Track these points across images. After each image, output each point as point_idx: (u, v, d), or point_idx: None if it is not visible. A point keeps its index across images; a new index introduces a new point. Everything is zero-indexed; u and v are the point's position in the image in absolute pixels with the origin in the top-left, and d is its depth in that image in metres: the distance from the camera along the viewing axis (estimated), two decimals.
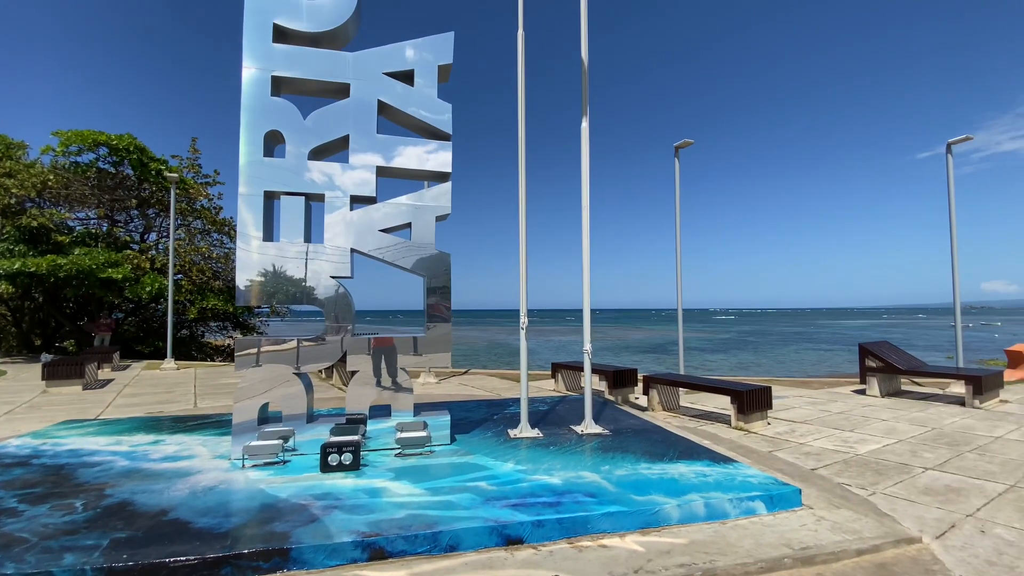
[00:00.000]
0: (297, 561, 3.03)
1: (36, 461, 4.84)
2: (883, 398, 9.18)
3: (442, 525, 3.33)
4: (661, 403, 8.20)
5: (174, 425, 6.41)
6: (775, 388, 10.27)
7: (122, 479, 4.30)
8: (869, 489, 4.57)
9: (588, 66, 6.27)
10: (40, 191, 17.62)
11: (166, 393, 10.26)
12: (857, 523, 3.71)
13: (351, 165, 5.43)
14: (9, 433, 6.46)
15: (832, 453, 5.73)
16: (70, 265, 15.83)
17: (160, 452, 5.13)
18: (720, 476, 4.34)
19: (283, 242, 5.24)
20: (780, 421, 7.35)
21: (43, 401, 9.12)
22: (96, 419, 7.12)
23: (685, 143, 10.88)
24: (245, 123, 5.13)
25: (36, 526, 3.32)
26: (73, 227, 19.51)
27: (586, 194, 6.19)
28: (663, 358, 34.31)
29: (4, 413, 7.99)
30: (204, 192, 21.72)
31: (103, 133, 18.80)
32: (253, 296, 5.13)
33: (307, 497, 3.87)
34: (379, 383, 5.43)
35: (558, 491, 3.98)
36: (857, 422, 7.27)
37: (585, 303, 6.22)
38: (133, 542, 3.10)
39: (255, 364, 5.12)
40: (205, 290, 20.01)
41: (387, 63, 5.54)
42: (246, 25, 5.18)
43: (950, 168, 10.47)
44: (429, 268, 5.55)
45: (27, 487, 4.09)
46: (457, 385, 11.28)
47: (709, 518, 3.73)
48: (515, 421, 6.09)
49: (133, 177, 20.00)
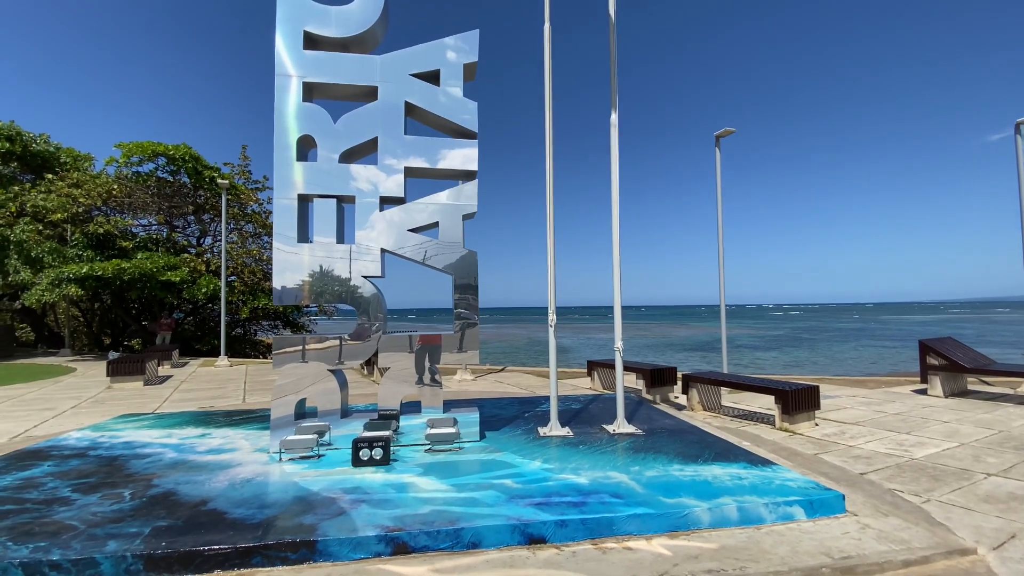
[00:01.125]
0: (323, 553, 3.11)
1: (93, 453, 5.18)
2: (946, 398, 8.56)
3: (465, 522, 3.34)
4: (701, 403, 7.95)
5: (222, 420, 6.73)
6: (827, 387, 9.77)
7: (169, 470, 4.54)
8: (923, 496, 4.26)
9: (616, 58, 6.13)
10: (105, 200, 18.91)
11: (218, 389, 10.80)
12: (906, 532, 3.46)
13: (380, 167, 5.53)
14: (73, 426, 6.97)
15: (884, 457, 5.39)
16: (133, 269, 16.91)
17: (206, 445, 5.39)
18: (756, 479, 4.15)
19: (317, 243, 5.39)
20: (829, 422, 6.98)
21: (107, 396, 9.79)
22: (152, 413, 7.57)
23: (726, 132, 10.51)
24: (279, 129, 5.31)
25: (85, 514, 3.54)
26: (136, 233, 20.84)
27: (616, 190, 6.06)
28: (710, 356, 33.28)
29: (71, 407, 8.63)
30: (254, 197, 22.72)
31: (161, 144, 19.99)
32: (294, 296, 5.31)
33: (337, 491, 3.96)
34: (413, 379, 5.51)
35: (584, 491, 3.92)
36: (915, 424, 6.81)
37: (616, 299, 6.09)
38: (173, 530, 3.26)
39: (292, 362, 5.30)
40: (256, 290, 20.93)
41: (413, 64, 5.60)
42: (278, 33, 5.35)
43: (1019, 149, 9.65)
44: (457, 266, 5.58)
45: (81, 477, 4.38)
46: (493, 382, 11.33)
47: (743, 523, 3.57)
48: (546, 419, 6.04)
49: (189, 185, 21.17)
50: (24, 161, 20.16)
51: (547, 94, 5.97)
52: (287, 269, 5.29)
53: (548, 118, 5.96)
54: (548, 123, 5.96)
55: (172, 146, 20.14)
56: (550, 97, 5.96)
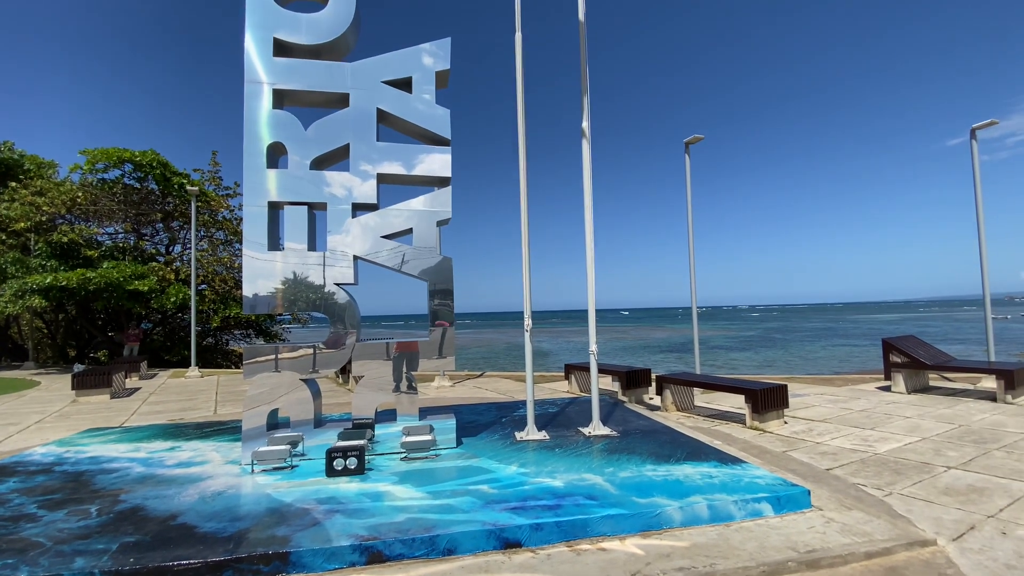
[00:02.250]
0: (296, 564, 3.08)
1: (58, 468, 5.02)
2: (909, 395, 8.88)
3: (440, 528, 3.34)
4: (675, 403, 8.08)
5: (192, 432, 6.57)
6: (795, 386, 10.04)
7: (136, 485, 4.43)
8: (885, 489, 4.42)
9: (588, 66, 6.24)
10: (70, 208, 18.30)
11: (188, 400, 10.53)
12: (868, 525, 3.59)
13: (353, 173, 5.51)
14: (37, 441, 6.72)
15: (849, 452, 5.57)
16: (99, 278, 16.38)
17: (175, 458, 5.26)
18: (726, 477, 4.25)
19: (288, 251, 5.33)
20: (798, 420, 7.18)
21: (72, 410, 9.45)
22: (119, 427, 7.35)
23: (695, 139, 10.75)
24: (249, 136, 5.25)
25: (52, 531, 3.44)
26: (102, 241, 20.20)
27: (588, 194, 6.15)
28: (685, 357, 33.82)
29: (35, 422, 8.31)
30: (225, 204, 22.27)
31: (127, 150, 19.43)
32: (266, 304, 5.24)
33: (311, 501, 3.92)
34: (389, 387, 5.48)
35: (559, 494, 3.96)
36: (879, 420, 7.05)
37: (590, 302, 6.18)
38: (141, 546, 3.18)
39: (265, 371, 5.22)
40: (228, 299, 20.48)
41: (385, 71, 5.61)
42: (248, 40, 5.30)
43: (975, 154, 10.12)
44: (432, 272, 5.59)
45: (47, 493, 4.24)
46: (471, 388, 11.31)
47: (713, 520, 3.66)
48: (523, 423, 6.07)
49: (157, 191, 20.63)
50: None
51: (519, 101, 6.04)
52: (259, 277, 5.22)
53: (520, 123, 6.03)
54: (520, 129, 6.02)
55: (139, 152, 19.59)
56: (522, 103, 6.03)
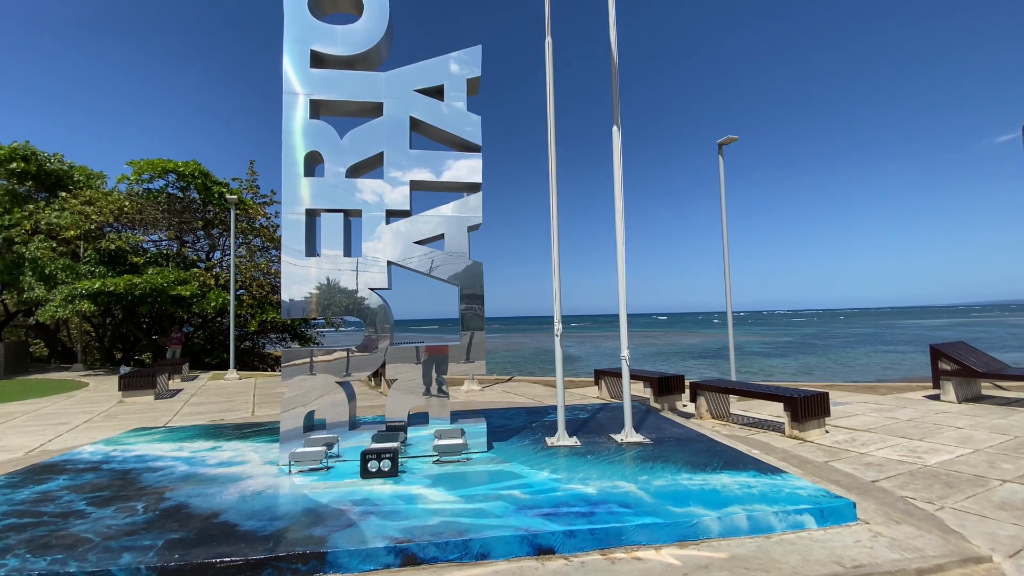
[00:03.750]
0: (333, 565, 3.13)
1: (106, 466, 5.24)
2: (960, 404, 8.45)
3: (473, 533, 3.35)
4: (709, 411, 7.90)
5: (232, 432, 6.78)
6: (837, 394, 9.69)
7: (180, 483, 4.59)
8: (936, 503, 4.21)
9: (618, 67, 6.20)
10: (117, 216, 19.20)
11: (228, 402, 10.87)
12: (919, 540, 3.43)
13: (386, 181, 5.61)
14: (87, 440, 7.05)
15: (896, 464, 5.33)
16: (144, 284, 17.13)
17: (216, 458, 5.43)
18: (766, 487, 4.12)
19: (324, 257, 5.46)
20: (840, 429, 6.92)
21: (119, 410, 9.88)
22: (163, 427, 7.64)
23: (729, 139, 10.53)
24: (287, 145, 5.41)
25: (100, 527, 3.59)
26: (146, 249, 21.10)
27: (619, 199, 6.10)
28: (718, 363, 33.05)
29: (84, 422, 8.72)
30: (262, 212, 22.99)
31: (171, 161, 20.33)
32: (301, 309, 5.37)
33: (346, 502, 3.99)
34: (420, 390, 5.54)
35: (592, 501, 3.91)
36: (928, 430, 6.73)
37: (622, 307, 6.11)
38: (185, 543, 3.29)
39: (301, 374, 5.35)
40: (264, 304, 21.09)
41: (418, 80, 5.70)
42: (286, 53, 5.47)
43: None
44: (463, 277, 5.63)
45: (96, 491, 4.44)
46: (500, 392, 11.32)
47: (752, 532, 3.56)
48: (554, 429, 6.04)
49: (198, 200, 21.48)
50: (39, 180, 20.55)
51: (549, 105, 6.04)
52: (295, 282, 5.36)
53: (551, 128, 6.03)
54: (551, 133, 6.02)
55: (182, 163, 20.48)
56: (552, 108, 6.03)
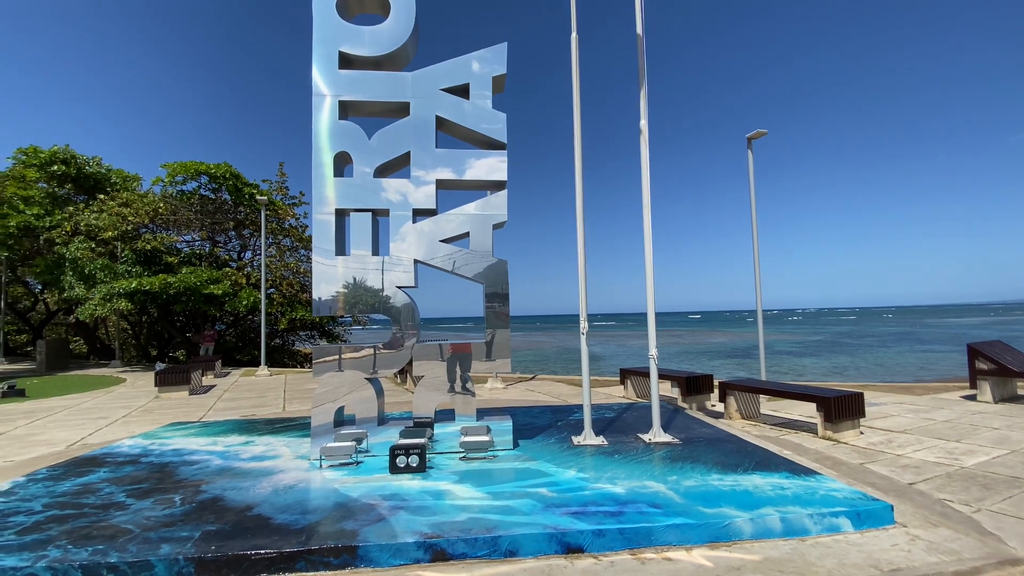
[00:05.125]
0: (364, 559, 3.18)
1: (144, 460, 5.43)
2: (996, 404, 8.13)
3: (502, 530, 3.36)
4: (739, 411, 7.76)
5: (264, 427, 6.95)
6: (871, 394, 9.40)
7: (216, 476, 4.72)
8: (974, 505, 4.07)
9: (645, 68, 6.13)
10: (152, 218, 19.85)
11: (259, 398, 11.14)
12: (957, 543, 3.31)
13: (413, 180, 5.66)
14: (125, 434, 7.32)
15: (933, 466, 5.15)
16: (178, 283, 17.67)
17: (249, 452, 5.58)
18: (800, 489, 4.03)
19: (353, 256, 5.54)
20: (875, 430, 6.72)
21: (155, 405, 10.23)
22: (198, 422, 7.88)
23: (758, 133, 10.29)
24: (316, 147, 5.50)
25: (140, 519, 3.72)
26: (180, 249, 21.78)
27: (647, 196, 6.03)
28: (746, 363, 32.40)
29: (122, 416, 9.06)
30: (291, 212, 23.47)
31: (203, 163, 20.91)
32: (330, 307, 5.47)
33: (376, 497, 4.04)
34: (446, 387, 5.59)
35: (621, 500, 3.88)
36: (964, 431, 6.49)
37: (650, 305, 6.04)
38: (221, 535, 3.39)
39: (331, 371, 5.45)
40: (294, 302, 21.55)
41: (443, 79, 5.73)
42: (315, 54, 5.56)
43: None
44: (488, 275, 5.64)
45: (135, 483, 4.60)
46: (524, 391, 11.32)
47: (786, 534, 3.48)
48: (579, 428, 6.01)
49: (230, 201, 22.06)
50: (78, 183, 21.39)
51: (575, 102, 6.00)
52: (324, 281, 5.46)
53: (577, 125, 5.99)
54: (577, 130, 5.99)
55: (214, 165, 21.04)
56: (578, 104, 5.99)
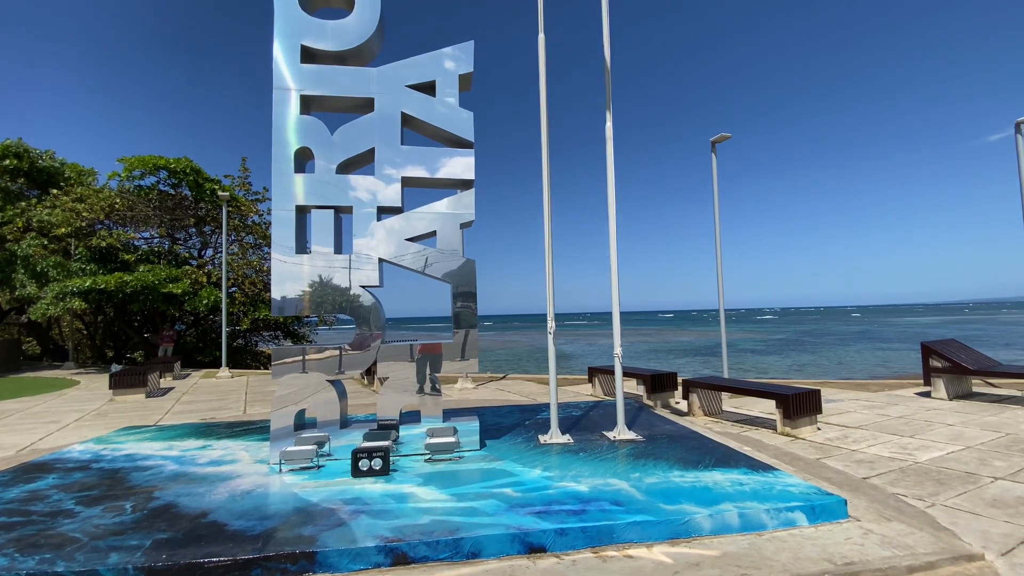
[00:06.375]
0: (323, 564, 3.10)
1: (95, 465, 5.19)
2: (951, 401, 8.51)
3: (464, 531, 3.33)
4: (702, 408, 7.92)
5: (223, 431, 6.73)
6: (829, 391, 9.73)
7: (169, 482, 4.54)
8: (927, 500, 4.23)
9: (611, 64, 6.18)
10: (108, 213, 19.02)
11: (219, 400, 10.79)
12: (910, 537, 3.44)
13: (378, 177, 5.56)
14: (76, 439, 6.97)
15: (887, 461, 5.36)
16: (135, 281, 16.97)
17: (206, 457, 5.39)
18: (758, 485, 4.13)
19: (315, 254, 5.41)
20: (832, 426, 6.95)
21: (109, 409, 9.79)
22: (154, 425, 7.58)
23: (721, 137, 10.54)
24: (277, 141, 5.35)
25: (88, 527, 3.54)
26: (138, 246, 20.91)
27: (612, 197, 6.09)
28: (711, 360, 33.16)
29: (74, 420, 8.64)
30: (254, 209, 22.83)
31: (162, 158, 20.13)
32: (295, 306, 5.32)
33: (337, 501, 3.96)
34: (414, 388, 5.51)
35: (584, 499, 3.90)
36: (919, 427, 6.77)
37: (615, 305, 6.11)
38: (173, 543, 3.25)
39: (292, 372, 5.31)
40: (257, 301, 20.94)
41: (409, 76, 5.66)
42: (276, 47, 5.41)
43: (1020, 148, 9.67)
44: (456, 275, 5.60)
45: (84, 490, 4.39)
46: (494, 390, 11.31)
47: (744, 529, 3.56)
48: (547, 427, 6.03)
49: (190, 197, 21.29)
50: (31, 177, 20.34)
51: (542, 102, 6.01)
52: (287, 280, 5.32)
53: (544, 125, 6.00)
54: (544, 130, 6.00)
55: (173, 159, 20.27)
56: (545, 105, 6.00)
